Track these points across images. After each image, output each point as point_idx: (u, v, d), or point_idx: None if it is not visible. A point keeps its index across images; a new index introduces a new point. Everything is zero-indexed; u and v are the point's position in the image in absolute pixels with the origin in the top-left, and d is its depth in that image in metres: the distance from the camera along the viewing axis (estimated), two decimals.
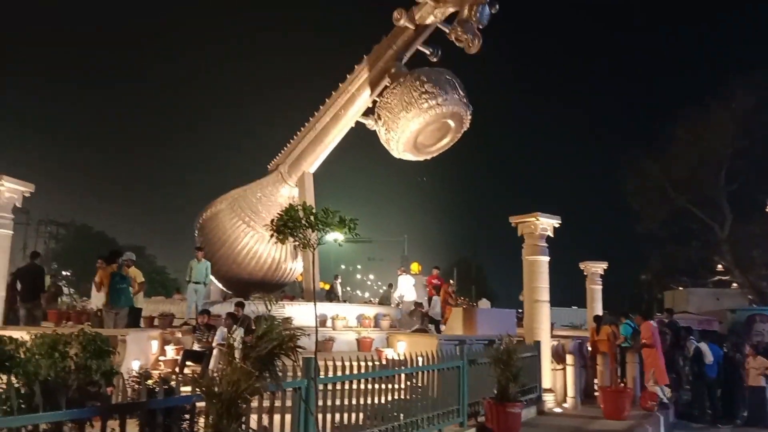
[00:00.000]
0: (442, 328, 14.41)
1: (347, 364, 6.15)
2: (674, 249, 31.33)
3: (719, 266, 31.92)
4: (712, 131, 28.17)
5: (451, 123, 12.42)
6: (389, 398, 6.84)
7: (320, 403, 5.52)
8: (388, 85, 12.71)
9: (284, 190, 15.07)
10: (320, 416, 5.53)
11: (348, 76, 13.85)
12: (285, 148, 15.30)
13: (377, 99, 12.98)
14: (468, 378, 8.14)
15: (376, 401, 6.53)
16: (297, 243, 5.65)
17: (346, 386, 6.11)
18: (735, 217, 29.16)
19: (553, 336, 12.15)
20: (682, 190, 29.52)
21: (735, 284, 31.74)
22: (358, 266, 57.23)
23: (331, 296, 18.95)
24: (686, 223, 29.99)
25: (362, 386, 6.36)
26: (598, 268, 15.90)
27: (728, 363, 12.61)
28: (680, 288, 32.68)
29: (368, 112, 13.78)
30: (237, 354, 4.30)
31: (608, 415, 10.28)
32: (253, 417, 4.76)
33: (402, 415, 6.80)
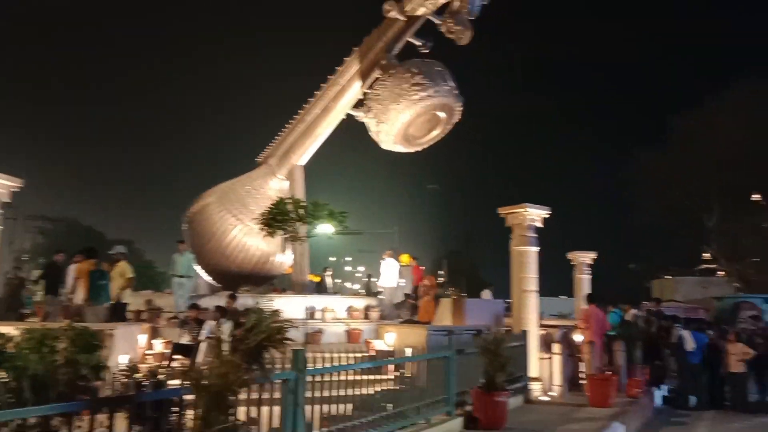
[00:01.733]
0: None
1: (336, 355, 6.20)
2: (665, 239, 31.66)
3: (706, 255, 32.32)
4: (709, 126, 28.41)
5: (442, 115, 12.47)
6: (378, 389, 6.90)
7: (309, 394, 5.57)
8: (378, 76, 12.72)
9: (273, 183, 15.05)
10: (309, 408, 5.58)
11: (338, 68, 13.82)
12: (274, 141, 15.26)
13: (367, 91, 12.98)
14: (456, 368, 8.21)
15: (364, 392, 6.60)
16: (286, 236, 5.69)
17: (335, 378, 6.16)
18: (723, 207, 29.49)
19: (541, 326, 12.24)
20: (677, 181, 29.73)
21: (721, 273, 32.13)
22: (348, 258, 57.25)
23: (321, 289, 18.96)
24: (677, 214, 30.24)
25: (351, 377, 6.42)
26: (586, 258, 15.98)
27: (713, 350, 12.79)
28: (668, 277, 33.02)
29: (359, 104, 13.78)
30: (226, 347, 4.34)
31: (594, 402, 10.41)
32: (242, 409, 4.79)
33: (390, 405, 6.87)
